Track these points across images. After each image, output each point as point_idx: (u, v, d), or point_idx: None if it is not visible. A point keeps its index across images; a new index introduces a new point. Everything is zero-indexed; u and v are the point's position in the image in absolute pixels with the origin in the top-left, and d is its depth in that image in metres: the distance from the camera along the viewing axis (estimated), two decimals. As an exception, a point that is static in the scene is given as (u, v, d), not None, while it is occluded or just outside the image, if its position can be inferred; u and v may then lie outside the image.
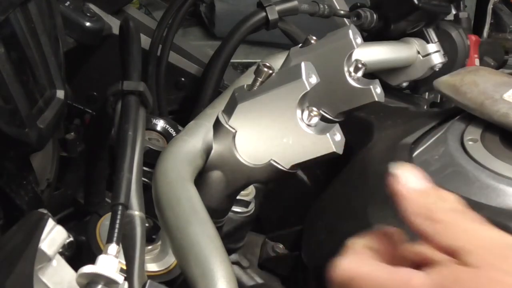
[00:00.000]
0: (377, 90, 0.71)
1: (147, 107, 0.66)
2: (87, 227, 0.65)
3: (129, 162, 0.57)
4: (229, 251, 0.69)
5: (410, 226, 0.46)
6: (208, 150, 0.62)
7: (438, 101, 1.37)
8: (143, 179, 0.60)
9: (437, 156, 0.73)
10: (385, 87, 0.74)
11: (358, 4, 1.08)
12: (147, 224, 0.59)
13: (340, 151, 0.58)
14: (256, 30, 0.99)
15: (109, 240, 0.49)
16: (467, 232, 0.43)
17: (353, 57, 0.71)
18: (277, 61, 0.77)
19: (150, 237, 0.65)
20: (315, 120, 0.57)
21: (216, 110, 0.67)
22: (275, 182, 0.91)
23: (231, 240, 0.82)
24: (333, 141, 0.57)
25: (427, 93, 1.31)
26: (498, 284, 0.39)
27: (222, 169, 0.62)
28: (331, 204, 0.87)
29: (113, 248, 0.48)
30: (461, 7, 1.37)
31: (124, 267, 0.51)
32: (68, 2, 0.86)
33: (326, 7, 1.03)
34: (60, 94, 0.69)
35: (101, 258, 0.47)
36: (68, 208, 0.86)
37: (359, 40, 0.71)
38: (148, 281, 0.49)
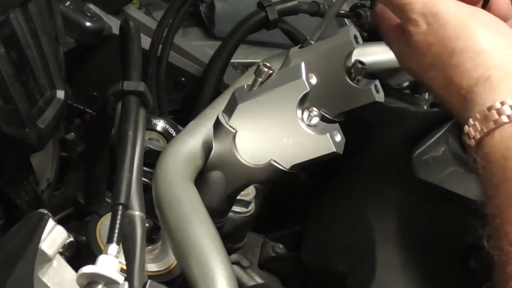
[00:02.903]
0: (377, 90, 0.71)
1: (147, 107, 0.66)
2: (87, 227, 0.65)
3: (129, 162, 0.57)
4: (229, 251, 0.69)
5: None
6: (208, 150, 0.62)
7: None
8: (143, 179, 0.60)
9: (437, 156, 0.73)
10: (385, 87, 0.74)
11: (358, 4, 1.08)
12: (147, 224, 0.59)
13: (340, 151, 0.58)
14: (256, 30, 0.99)
15: (109, 240, 0.49)
16: None
17: (353, 57, 0.71)
18: (277, 61, 0.77)
19: (150, 237, 0.65)
20: (315, 120, 0.57)
21: (216, 110, 0.67)
22: (275, 182, 0.91)
23: (231, 240, 0.82)
24: (333, 141, 0.57)
25: (427, 93, 1.31)
26: None
27: (222, 169, 0.62)
28: (331, 204, 0.87)
29: (113, 248, 0.48)
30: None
31: (125, 267, 0.51)
32: (68, 2, 0.86)
33: (326, 7, 1.03)
34: (60, 94, 0.68)
35: (101, 258, 0.47)
36: (68, 208, 0.85)
37: (359, 40, 0.71)
38: (149, 281, 0.49)
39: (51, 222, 0.49)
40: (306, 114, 0.57)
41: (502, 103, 0.49)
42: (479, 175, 0.50)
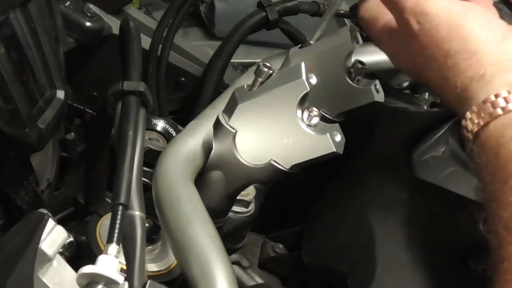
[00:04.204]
0: (377, 90, 0.71)
1: (147, 107, 0.66)
2: (87, 227, 0.65)
3: (129, 162, 0.57)
4: (229, 251, 0.69)
5: None
6: (208, 150, 0.62)
7: (438, 101, 1.37)
8: (144, 179, 0.60)
9: (437, 156, 0.73)
10: (385, 87, 0.74)
11: (358, 4, 1.08)
12: (147, 224, 0.59)
13: (340, 151, 0.58)
14: (256, 30, 0.99)
15: (109, 240, 0.49)
16: None
17: (353, 57, 0.71)
18: (277, 61, 0.77)
19: (150, 237, 0.65)
20: (315, 120, 0.57)
21: (216, 110, 0.67)
22: (275, 182, 0.91)
23: (231, 240, 0.82)
24: (333, 141, 0.57)
25: (427, 93, 1.31)
26: None
27: (222, 169, 0.62)
28: (331, 204, 0.87)
29: (113, 248, 0.48)
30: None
31: (124, 267, 0.51)
32: (68, 2, 0.86)
33: (326, 7, 1.03)
34: (60, 94, 0.69)
35: (101, 258, 0.47)
36: (68, 208, 0.86)
37: (359, 40, 0.71)
38: (148, 281, 0.49)
39: (51, 222, 0.49)
40: (306, 114, 0.57)
41: (496, 96, 0.50)
42: (476, 164, 0.52)
